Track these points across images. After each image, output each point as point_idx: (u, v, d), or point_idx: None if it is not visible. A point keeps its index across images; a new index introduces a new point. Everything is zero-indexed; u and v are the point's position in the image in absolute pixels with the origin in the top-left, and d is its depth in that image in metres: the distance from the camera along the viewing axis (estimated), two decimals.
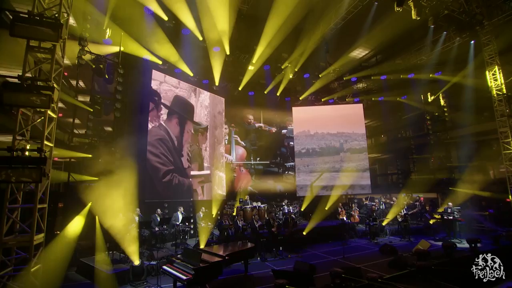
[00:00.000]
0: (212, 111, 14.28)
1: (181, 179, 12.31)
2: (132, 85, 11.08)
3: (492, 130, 12.18)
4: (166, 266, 6.77)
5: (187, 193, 12.47)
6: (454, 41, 12.27)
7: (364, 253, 10.23)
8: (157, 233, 9.75)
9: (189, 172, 12.73)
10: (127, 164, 9.45)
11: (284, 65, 13.77)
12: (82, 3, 7.49)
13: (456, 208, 11.37)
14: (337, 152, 16.70)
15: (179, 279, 6.05)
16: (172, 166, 11.93)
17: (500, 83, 11.41)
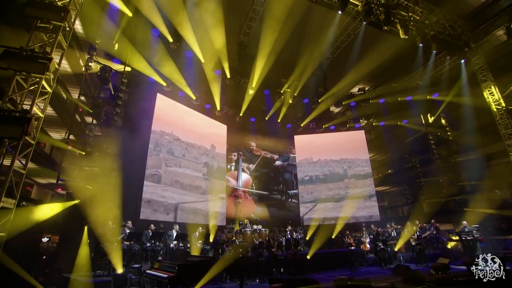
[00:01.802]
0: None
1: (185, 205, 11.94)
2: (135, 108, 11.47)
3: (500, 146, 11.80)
4: (149, 270, 6.11)
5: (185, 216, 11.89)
6: (445, 60, 12.72)
7: (374, 275, 9.10)
8: (148, 249, 9.00)
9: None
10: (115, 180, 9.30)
11: (283, 89, 14.26)
12: (97, 11, 8.23)
13: (474, 226, 10.37)
14: (342, 179, 16.14)
15: (161, 278, 5.36)
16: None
17: (497, 98, 11.43)
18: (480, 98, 12.01)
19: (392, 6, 10.65)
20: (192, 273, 5.34)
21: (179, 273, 4.98)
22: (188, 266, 5.31)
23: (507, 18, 11.39)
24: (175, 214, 11.41)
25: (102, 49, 9.14)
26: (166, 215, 11.10)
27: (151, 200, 10.76)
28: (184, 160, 12.82)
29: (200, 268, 5.53)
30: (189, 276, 5.25)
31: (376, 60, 13.59)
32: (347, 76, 14.64)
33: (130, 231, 8.90)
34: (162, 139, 12.22)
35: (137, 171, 10.97)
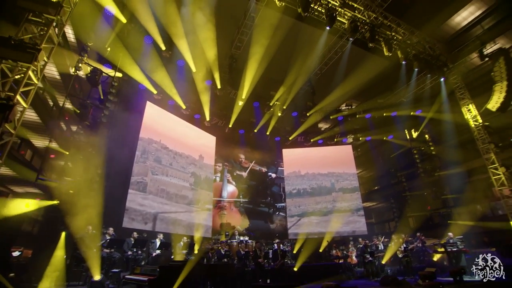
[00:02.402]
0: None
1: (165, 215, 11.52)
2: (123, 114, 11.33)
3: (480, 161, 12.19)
4: (129, 275, 5.79)
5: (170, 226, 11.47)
6: (426, 78, 13.34)
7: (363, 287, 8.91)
8: (129, 257, 8.55)
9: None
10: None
11: (273, 101, 14.47)
12: (92, 14, 8.25)
13: (458, 238, 10.45)
14: (329, 192, 16.14)
15: (141, 282, 5.06)
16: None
17: (475, 114, 11.96)
18: (460, 115, 12.53)
19: (376, 25, 11.23)
20: (174, 275, 5.06)
21: (160, 275, 4.72)
22: (170, 268, 5.05)
23: (479, 43, 12.16)
24: (154, 224, 10.96)
25: (94, 51, 9.10)
26: (143, 225, 10.63)
27: (129, 208, 10.33)
28: (171, 169, 12.57)
29: (182, 270, 5.27)
30: (171, 278, 4.98)
31: (362, 77, 14.14)
32: (335, 92, 15.05)
33: (111, 238, 8.46)
34: (150, 147, 12.01)
35: (122, 178, 10.65)
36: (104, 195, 8.96)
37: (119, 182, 10.56)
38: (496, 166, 10.90)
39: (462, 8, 13.47)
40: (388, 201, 17.22)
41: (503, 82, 10.82)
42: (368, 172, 20.76)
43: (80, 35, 8.85)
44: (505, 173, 10.61)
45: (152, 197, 11.30)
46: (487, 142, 11.23)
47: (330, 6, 10.47)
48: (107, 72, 9.35)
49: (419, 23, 12.52)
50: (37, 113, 10.58)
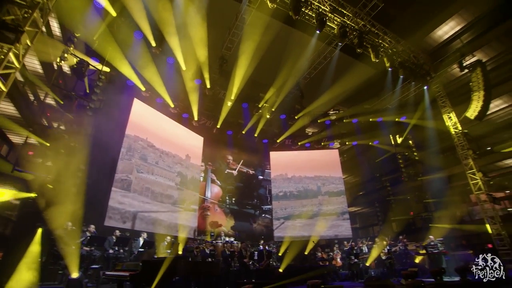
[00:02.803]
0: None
1: (149, 214, 11.18)
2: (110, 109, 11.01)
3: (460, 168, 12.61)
4: (109, 272, 5.54)
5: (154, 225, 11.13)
6: (410, 86, 13.77)
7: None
8: (110, 256, 8.20)
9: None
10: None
11: (261, 103, 14.48)
12: (82, 4, 7.99)
13: (439, 240, 10.70)
14: (315, 195, 16.22)
15: (122, 277, 4.82)
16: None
17: (455, 122, 12.40)
18: (442, 122, 12.97)
19: (364, 32, 11.53)
20: (157, 270, 4.86)
21: (143, 269, 4.52)
22: (153, 263, 4.86)
23: (459, 55, 12.72)
24: (137, 223, 10.60)
25: (82, 42, 8.81)
26: (126, 223, 10.24)
27: (111, 206, 9.93)
28: (157, 168, 12.28)
29: (167, 267, 5.06)
30: (154, 273, 4.77)
31: (349, 84, 14.45)
32: (323, 96, 15.27)
33: (92, 235, 8.10)
34: (136, 144, 11.71)
35: (106, 174, 10.31)
36: (86, 191, 8.62)
37: (103, 178, 10.21)
38: (473, 172, 11.30)
39: (444, 23, 14.18)
40: (372, 205, 17.50)
41: (480, 91, 11.32)
42: (354, 177, 21.08)
43: (67, 26, 8.56)
44: (482, 179, 11.00)
45: (137, 196, 10.97)
46: (466, 149, 11.64)
47: (320, 11, 10.67)
48: (94, 65, 9.07)
49: (404, 34, 13.00)
50: (16, 107, 10.13)
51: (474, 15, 13.70)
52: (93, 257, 7.95)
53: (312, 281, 6.19)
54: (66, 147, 8.21)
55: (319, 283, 5.96)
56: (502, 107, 14.80)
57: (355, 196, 19.04)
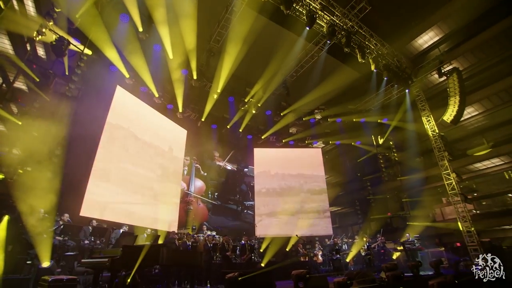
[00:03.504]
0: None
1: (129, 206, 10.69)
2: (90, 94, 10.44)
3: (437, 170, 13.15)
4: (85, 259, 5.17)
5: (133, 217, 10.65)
6: (393, 89, 14.22)
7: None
8: (86, 246, 7.72)
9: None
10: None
11: (248, 98, 14.36)
12: None
13: (415, 236, 11.08)
14: (297, 193, 16.30)
15: (100, 263, 4.48)
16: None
17: (433, 125, 12.93)
18: (421, 125, 13.48)
19: (352, 32, 11.74)
20: (138, 256, 4.56)
21: (124, 254, 4.22)
22: (135, 248, 4.57)
23: (438, 62, 13.32)
24: (115, 214, 10.02)
25: (63, 19, 8.23)
26: (104, 214, 9.60)
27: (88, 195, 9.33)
28: (139, 159, 11.80)
29: (148, 252, 4.77)
30: (134, 259, 4.47)
31: (335, 84, 14.68)
32: (309, 95, 15.42)
33: (65, 224, 7.58)
34: (117, 133, 11.17)
35: (83, 162, 9.72)
36: (62, 178, 8.10)
37: (80, 166, 9.63)
38: (448, 172, 11.80)
39: (424, 32, 14.90)
40: (353, 205, 17.86)
41: (456, 97, 11.89)
42: (335, 177, 21.41)
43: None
44: (455, 179, 11.52)
45: (116, 186, 10.45)
46: (442, 150, 12.14)
47: (311, 8, 10.73)
48: (76, 45, 8.53)
49: (387, 40, 13.44)
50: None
51: (451, 27, 14.50)
52: (66, 247, 7.44)
53: (297, 271, 6.14)
54: (40, 129, 7.64)
55: (304, 273, 5.91)
56: (473, 115, 15.69)
57: (337, 195, 19.34)
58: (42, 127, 7.84)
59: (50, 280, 3.87)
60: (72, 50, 8.67)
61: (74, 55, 9.09)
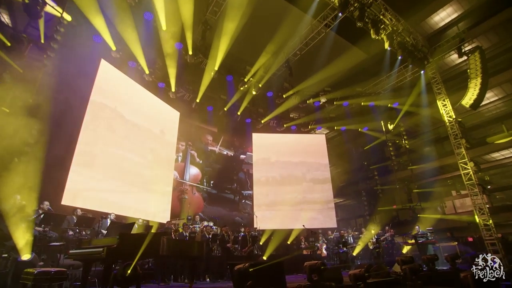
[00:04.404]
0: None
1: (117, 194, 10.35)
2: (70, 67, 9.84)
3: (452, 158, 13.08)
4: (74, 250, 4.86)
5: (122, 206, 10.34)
6: (407, 70, 13.93)
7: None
8: (70, 238, 7.41)
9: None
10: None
11: (248, 77, 13.89)
12: None
13: (428, 229, 11.08)
14: (299, 182, 16.17)
15: (93, 253, 4.17)
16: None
17: (449, 109, 12.75)
18: (436, 110, 13.30)
19: (366, 4, 11.29)
20: (138, 246, 4.26)
21: (121, 242, 3.92)
22: (133, 236, 4.28)
23: (458, 40, 13.02)
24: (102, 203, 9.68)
25: None
26: (89, 203, 9.24)
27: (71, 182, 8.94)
28: (127, 142, 11.37)
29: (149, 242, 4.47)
30: (134, 248, 4.17)
31: (343, 65, 14.32)
32: (314, 76, 15.04)
33: (46, 213, 7.21)
34: (102, 113, 10.68)
35: (65, 144, 9.28)
36: (41, 163, 7.67)
37: (60, 149, 9.18)
38: (465, 161, 11.72)
39: (441, 8, 14.49)
40: (359, 196, 17.85)
41: (477, 79, 11.66)
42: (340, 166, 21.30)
43: None
44: (473, 168, 11.45)
45: (102, 172, 10.06)
46: (459, 138, 12.02)
47: None
48: (53, 6, 7.88)
49: (403, 15, 13.04)
50: None
51: (471, 3, 14.13)
52: (48, 239, 7.10)
53: (311, 262, 5.98)
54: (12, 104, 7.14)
55: (318, 264, 5.74)
56: (492, 100, 15.58)
57: (341, 186, 19.30)
58: (16, 103, 7.33)
59: (36, 272, 3.57)
60: (49, 14, 8.04)
61: (50, 20, 8.44)
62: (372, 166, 17.33)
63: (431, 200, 14.61)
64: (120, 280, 3.59)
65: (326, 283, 5.76)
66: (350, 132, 18.13)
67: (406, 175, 15.40)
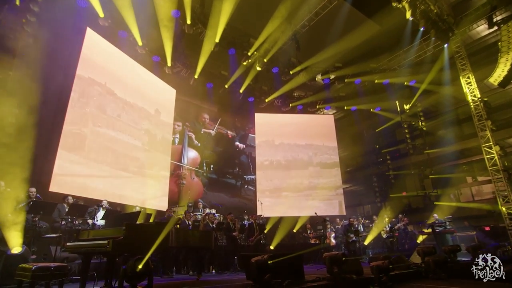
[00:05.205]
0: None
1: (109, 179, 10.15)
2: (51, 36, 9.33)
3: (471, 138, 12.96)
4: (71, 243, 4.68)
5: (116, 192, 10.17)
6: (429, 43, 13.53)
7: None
8: (62, 228, 7.25)
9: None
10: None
11: (252, 51, 13.42)
12: None
13: (447, 218, 11.10)
14: (306, 166, 16.08)
15: (96, 246, 3.98)
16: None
17: (474, 88, 12.50)
18: (458, 88, 13.04)
19: None
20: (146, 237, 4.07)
21: (128, 234, 3.73)
22: (144, 228, 4.11)
23: (488, 8, 12.54)
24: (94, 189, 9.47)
25: None
26: (80, 190, 9.05)
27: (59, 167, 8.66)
28: (120, 122, 11.05)
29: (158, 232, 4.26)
30: (143, 240, 3.98)
31: (356, 39, 13.81)
32: (324, 51, 14.58)
33: (34, 200, 6.99)
34: (91, 89, 10.28)
35: (50, 124, 8.96)
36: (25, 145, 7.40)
37: (46, 129, 8.88)
38: (490, 145, 11.61)
39: None
40: (368, 181, 17.86)
41: (510, 53, 11.33)
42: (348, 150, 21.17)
43: None
44: (498, 152, 11.35)
45: (93, 155, 9.79)
46: (484, 119, 11.85)
47: None
48: None
49: None
50: None
51: None
52: (38, 230, 6.93)
53: (331, 253, 5.94)
54: None
55: (339, 255, 5.69)
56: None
57: (347, 170, 19.27)
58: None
59: (34, 268, 3.40)
60: None
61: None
62: (384, 149, 17.21)
63: (447, 187, 14.62)
64: (131, 276, 3.44)
65: (347, 275, 5.76)
66: (361, 112, 17.87)
67: (420, 160, 15.33)
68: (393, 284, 5.76)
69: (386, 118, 16.95)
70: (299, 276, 5.48)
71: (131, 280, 3.54)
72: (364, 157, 18.18)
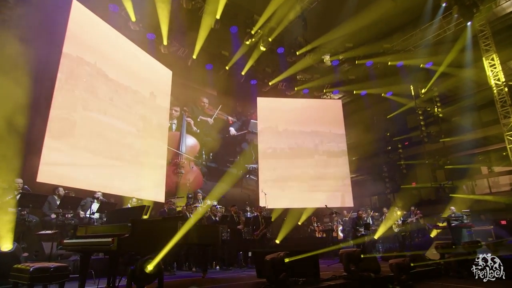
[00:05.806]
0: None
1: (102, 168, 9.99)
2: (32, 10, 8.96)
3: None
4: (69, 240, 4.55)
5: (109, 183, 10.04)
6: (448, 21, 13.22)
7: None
8: (53, 222, 7.13)
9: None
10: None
11: (255, 29, 13.06)
12: None
13: (464, 211, 11.11)
14: (311, 155, 16.00)
15: (98, 244, 3.85)
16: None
17: (498, 71, 12.31)
18: (479, 71, 12.85)
19: None
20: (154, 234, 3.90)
21: (134, 231, 3.58)
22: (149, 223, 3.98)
23: None
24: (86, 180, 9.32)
25: None
26: (70, 180, 8.85)
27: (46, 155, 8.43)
28: (112, 106, 10.79)
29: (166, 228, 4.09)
30: (150, 237, 3.82)
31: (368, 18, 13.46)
32: (333, 31, 14.25)
33: (22, 192, 6.82)
34: (80, 70, 9.96)
35: (36, 109, 8.69)
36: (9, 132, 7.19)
37: (31, 114, 8.60)
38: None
39: None
40: (377, 171, 17.84)
41: None
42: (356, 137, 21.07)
43: None
44: None
45: (84, 142, 9.58)
46: (508, 105, 11.74)
47: None
48: None
49: None
50: None
51: None
52: (27, 224, 6.80)
53: (347, 250, 5.92)
54: None
55: (357, 252, 5.68)
56: None
57: (355, 159, 19.23)
58: None
59: (32, 270, 3.27)
60: None
61: None
62: (395, 137, 17.13)
63: (461, 178, 14.62)
64: (140, 277, 3.33)
65: (364, 273, 5.73)
66: (371, 97, 17.67)
67: (434, 149, 15.27)
68: (413, 283, 5.72)
69: (398, 103, 16.77)
70: (314, 274, 5.44)
71: (140, 282, 3.42)
72: (373, 145, 18.07)
